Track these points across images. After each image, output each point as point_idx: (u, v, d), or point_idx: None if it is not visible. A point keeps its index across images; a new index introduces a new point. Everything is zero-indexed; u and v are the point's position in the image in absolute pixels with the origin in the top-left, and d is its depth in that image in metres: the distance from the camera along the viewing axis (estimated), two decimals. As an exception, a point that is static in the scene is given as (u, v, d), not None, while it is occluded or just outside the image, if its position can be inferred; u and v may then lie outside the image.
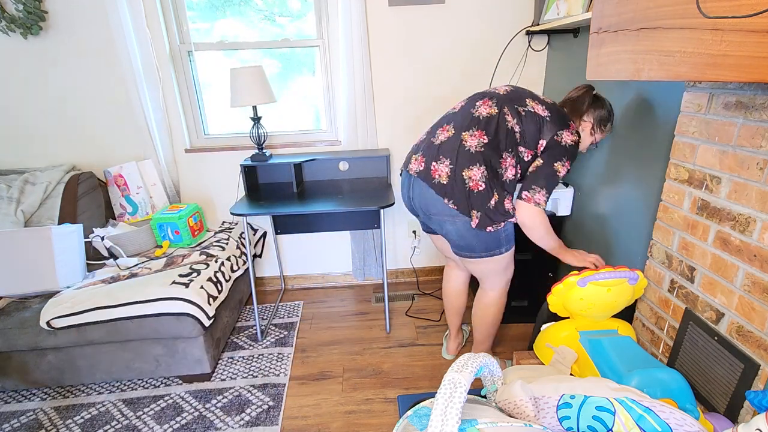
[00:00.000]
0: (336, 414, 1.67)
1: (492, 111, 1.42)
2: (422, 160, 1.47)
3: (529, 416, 1.02)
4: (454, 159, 1.39)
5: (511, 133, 1.40)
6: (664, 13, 0.82)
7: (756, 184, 1.01)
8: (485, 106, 1.44)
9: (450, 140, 1.42)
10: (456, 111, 1.50)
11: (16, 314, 1.68)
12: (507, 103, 1.43)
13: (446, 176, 1.40)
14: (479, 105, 1.45)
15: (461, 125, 1.43)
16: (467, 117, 1.44)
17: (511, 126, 1.40)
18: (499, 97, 1.45)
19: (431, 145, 1.46)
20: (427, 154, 1.46)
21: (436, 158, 1.43)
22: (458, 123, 1.44)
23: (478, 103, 1.45)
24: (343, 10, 2.05)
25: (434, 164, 1.42)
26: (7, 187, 2.05)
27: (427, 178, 1.43)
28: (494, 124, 1.40)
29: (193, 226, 2.20)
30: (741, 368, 1.06)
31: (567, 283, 1.39)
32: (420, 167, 1.46)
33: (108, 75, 2.18)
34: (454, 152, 1.40)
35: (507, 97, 1.45)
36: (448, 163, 1.40)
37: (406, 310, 2.37)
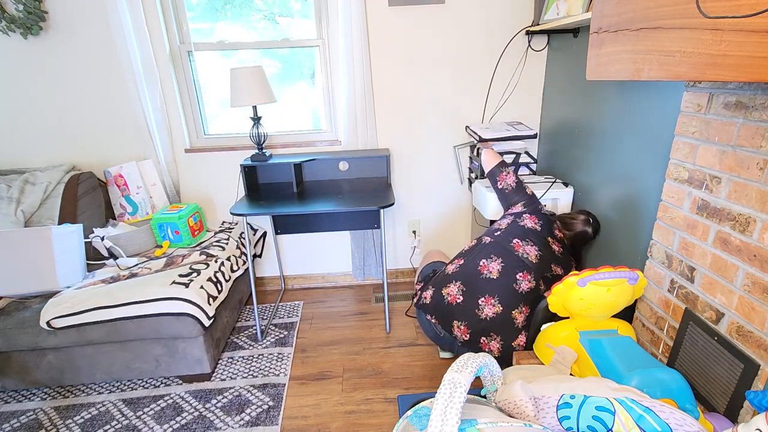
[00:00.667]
0: (336, 414, 1.67)
1: (531, 285, 1.58)
2: (466, 330, 1.58)
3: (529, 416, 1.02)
4: (505, 336, 1.55)
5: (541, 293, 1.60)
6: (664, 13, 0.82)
7: (756, 184, 1.01)
8: (525, 281, 1.58)
9: (499, 317, 1.55)
10: (494, 278, 1.58)
11: (16, 314, 1.68)
12: (541, 275, 1.60)
13: (498, 351, 1.56)
14: (520, 279, 1.57)
15: (509, 303, 1.56)
16: (512, 293, 1.56)
17: (543, 291, 1.60)
18: (534, 269, 1.60)
19: (477, 318, 1.57)
20: (474, 328, 1.57)
21: (486, 334, 1.56)
22: (504, 299, 1.56)
23: (518, 277, 1.57)
24: (343, 10, 2.05)
25: (484, 339, 1.57)
26: (7, 187, 2.05)
27: (477, 350, 1.58)
28: (533, 295, 1.58)
29: (193, 226, 2.20)
30: (741, 368, 1.06)
31: (567, 283, 1.39)
32: (465, 337, 1.59)
33: (108, 75, 2.18)
34: (505, 330, 1.55)
35: (539, 266, 1.61)
36: (499, 340, 1.55)
37: (406, 310, 2.37)
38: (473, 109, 2.36)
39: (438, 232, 2.63)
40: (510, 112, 2.38)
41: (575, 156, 2.00)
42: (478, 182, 2.13)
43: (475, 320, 1.56)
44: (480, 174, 2.22)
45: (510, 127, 2.21)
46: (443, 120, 2.38)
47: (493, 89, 2.32)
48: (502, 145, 2.18)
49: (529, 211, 1.74)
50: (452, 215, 2.59)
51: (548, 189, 1.98)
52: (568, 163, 2.07)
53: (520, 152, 2.21)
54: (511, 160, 2.20)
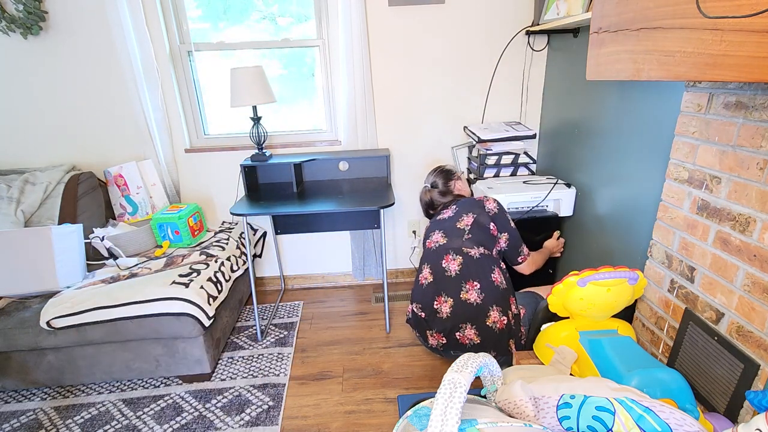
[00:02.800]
0: (336, 414, 1.67)
1: (459, 261, 1.68)
2: (440, 336, 1.69)
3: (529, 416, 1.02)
4: (473, 320, 1.63)
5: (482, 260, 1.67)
6: (664, 13, 0.82)
7: (756, 184, 1.01)
8: (453, 263, 1.68)
9: (456, 308, 1.65)
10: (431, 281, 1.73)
11: (16, 314, 1.68)
12: (460, 245, 1.69)
13: (476, 336, 1.63)
14: (446, 265, 1.69)
15: (454, 290, 1.66)
16: (449, 281, 1.68)
17: (475, 256, 1.67)
18: (451, 246, 1.71)
19: (440, 320, 1.68)
20: (443, 329, 1.67)
21: (456, 329, 1.65)
22: (449, 291, 1.67)
23: (444, 265, 1.70)
24: (343, 10, 2.05)
25: (458, 334, 1.64)
26: (7, 187, 2.05)
27: (461, 348, 1.66)
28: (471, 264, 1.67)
29: (193, 226, 2.20)
30: (741, 368, 1.06)
31: (567, 283, 1.39)
32: (442, 341, 1.69)
33: (108, 75, 2.18)
34: (468, 315, 1.63)
35: (451, 241, 1.72)
36: (471, 326, 1.63)
37: (407, 305, 2.37)
38: (473, 109, 2.36)
39: (438, 232, 2.63)
40: (510, 112, 2.38)
41: (575, 156, 2.00)
42: (479, 183, 2.13)
43: (440, 322, 1.67)
44: (479, 175, 2.22)
45: (509, 128, 2.20)
46: (443, 120, 2.38)
47: (493, 89, 2.32)
48: (501, 145, 2.18)
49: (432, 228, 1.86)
50: (452, 215, 2.59)
51: (551, 190, 1.97)
52: (568, 163, 2.07)
53: (519, 153, 2.21)
54: (511, 160, 2.20)
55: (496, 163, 2.20)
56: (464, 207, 1.77)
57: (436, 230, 1.79)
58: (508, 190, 1.98)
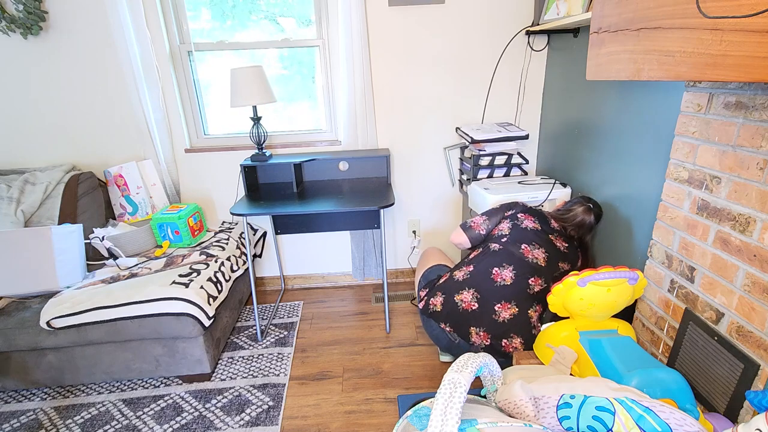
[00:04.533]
0: (336, 414, 1.67)
1: (543, 287, 1.62)
2: (486, 336, 1.58)
3: (529, 416, 1.02)
4: (523, 333, 1.57)
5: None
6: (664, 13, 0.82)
7: (756, 184, 1.01)
8: (537, 285, 1.61)
9: (516, 318, 1.58)
10: (508, 284, 1.61)
11: (16, 314, 1.68)
12: (551, 276, 1.64)
13: (521, 345, 1.57)
14: (533, 284, 1.61)
15: (524, 304, 1.59)
16: (526, 296, 1.60)
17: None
18: (545, 272, 1.63)
19: (494, 323, 1.58)
20: (494, 334, 1.58)
21: (507, 336, 1.57)
22: (520, 302, 1.59)
23: (531, 282, 1.61)
24: (343, 10, 2.05)
25: (505, 341, 1.57)
26: (7, 187, 2.05)
27: (501, 355, 1.59)
28: (544, 293, 1.62)
29: (193, 226, 2.20)
30: (741, 368, 1.06)
31: (567, 283, 1.39)
32: (486, 342, 1.58)
33: (108, 75, 2.18)
34: (522, 327, 1.57)
35: (548, 268, 1.64)
36: (520, 340, 1.57)
37: (409, 301, 2.37)
38: (473, 109, 2.36)
39: (438, 233, 2.63)
40: (510, 112, 2.38)
41: (575, 156, 2.00)
42: (475, 184, 2.12)
43: (494, 325, 1.57)
44: (472, 176, 2.21)
45: (501, 128, 2.20)
46: (443, 120, 2.38)
47: (493, 89, 2.32)
48: (495, 146, 2.17)
49: (520, 209, 1.76)
50: (453, 215, 2.59)
51: (550, 192, 1.97)
52: (568, 163, 2.07)
53: (512, 153, 2.20)
54: (504, 161, 2.20)
55: (490, 164, 2.19)
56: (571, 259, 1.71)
57: (542, 248, 1.66)
58: (505, 191, 1.98)
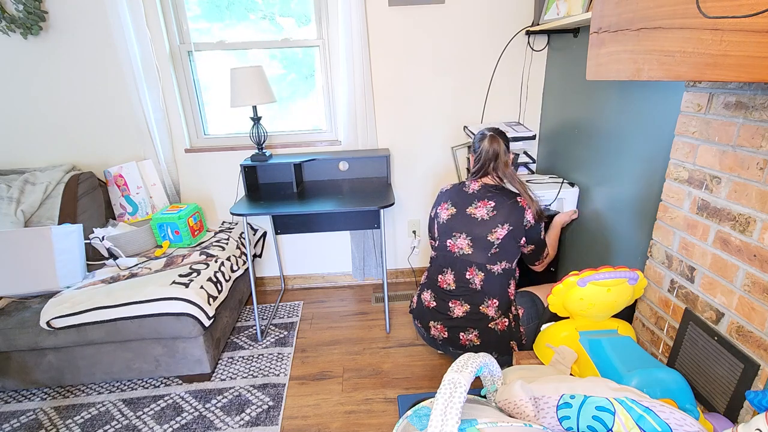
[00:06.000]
0: (336, 414, 1.67)
1: (482, 276, 1.65)
2: (443, 328, 1.71)
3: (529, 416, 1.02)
4: (479, 326, 1.66)
5: (504, 274, 1.67)
6: (664, 13, 0.82)
7: (756, 184, 1.01)
8: (476, 276, 1.65)
9: (469, 314, 1.68)
10: (453, 288, 1.70)
11: (16, 314, 1.68)
12: (485, 256, 1.63)
13: (476, 338, 1.67)
14: (470, 277, 1.66)
15: (474, 301, 1.67)
16: (472, 293, 1.67)
17: (496, 271, 1.65)
18: (476, 259, 1.65)
19: (449, 318, 1.70)
20: (449, 325, 1.70)
21: (463, 329, 1.67)
22: (469, 300, 1.67)
23: (468, 276, 1.67)
24: (343, 10, 2.05)
25: (462, 334, 1.68)
26: (7, 187, 2.05)
27: (458, 347, 1.70)
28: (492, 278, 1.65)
29: (193, 226, 2.20)
30: (741, 368, 1.06)
31: (567, 283, 1.39)
32: (444, 335, 1.71)
33: (108, 75, 2.18)
34: (477, 322, 1.66)
35: (476, 252, 1.64)
36: (474, 331, 1.66)
37: (407, 305, 2.37)
38: (473, 109, 2.36)
39: (438, 232, 2.63)
40: (509, 112, 2.38)
41: (575, 156, 2.00)
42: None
43: (448, 319, 1.70)
44: None
45: (509, 128, 2.20)
46: (443, 120, 2.38)
47: (493, 89, 2.32)
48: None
49: (438, 202, 1.79)
50: (452, 215, 2.59)
51: (560, 189, 1.96)
52: (568, 162, 2.07)
53: (519, 153, 2.21)
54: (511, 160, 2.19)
55: (497, 163, 2.19)
56: (501, 213, 1.61)
57: (462, 232, 1.65)
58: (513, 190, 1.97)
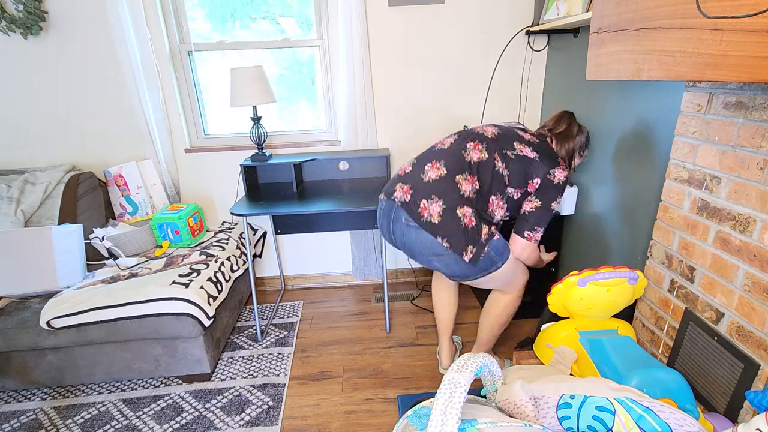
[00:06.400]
0: (336, 414, 1.67)
1: (483, 156, 1.46)
2: (409, 190, 1.45)
3: (529, 416, 1.02)
4: (448, 200, 1.40)
5: (499, 176, 1.45)
6: (664, 13, 0.82)
7: (756, 184, 1.01)
8: (476, 150, 1.46)
9: (442, 180, 1.42)
10: (445, 148, 1.50)
11: (16, 314, 1.68)
12: (497, 148, 1.47)
13: (438, 215, 1.39)
14: (470, 148, 1.47)
15: (454, 168, 1.44)
16: (459, 160, 1.45)
17: (500, 171, 1.44)
18: (488, 141, 1.48)
19: (420, 181, 1.45)
20: (416, 189, 1.44)
21: (427, 196, 1.41)
22: (450, 164, 1.44)
23: (469, 146, 1.47)
24: (343, 10, 2.05)
25: (424, 202, 1.41)
26: (7, 187, 2.05)
27: (415, 216, 1.42)
28: (485, 169, 1.45)
29: (193, 226, 2.20)
30: (741, 368, 1.06)
31: (567, 283, 1.39)
32: (406, 198, 1.44)
33: (108, 75, 2.18)
34: (448, 194, 1.41)
35: (496, 141, 1.48)
36: (441, 203, 1.40)
37: (409, 301, 2.37)
38: (473, 109, 2.36)
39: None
40: (509, 112, 2.38)
41: (575, 156, 2.00)
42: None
43: (418, 182, 1.45)
44: None
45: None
46: (443, 120, 2.38)
47: (493, 89, 2.32)
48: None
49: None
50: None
51: None
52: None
53: None
54: None
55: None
56: (537, 152, 1.47)
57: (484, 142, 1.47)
58: None
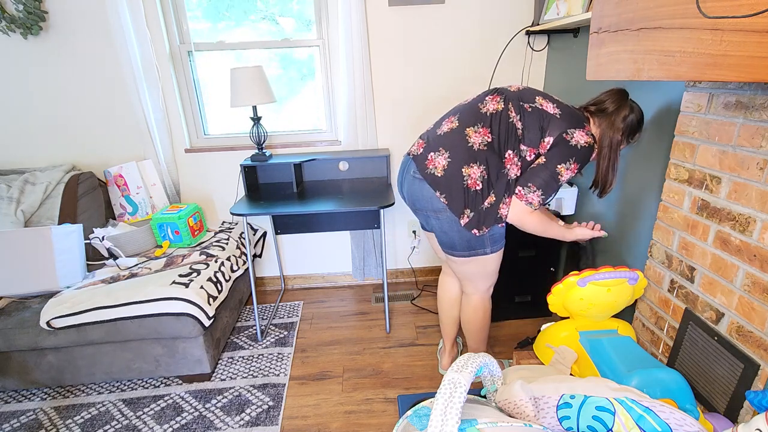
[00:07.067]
0: (336, 414, 1.67)
1: (498, 107, 1.35)
2: (422, 145, 1.42)
3: (529, 416, 1.02)
4: (454, 153, 1.33)
5: (513, 129, 1.32)
6: (664, 13, 0.82)
7: (756, 184, 1.01)
8: (493, 102, 1.36)
9: (453, 133, 1.36)
10: (465, 103, 1.42)
11: (16, 314, 1.68)
12: (514, 99, 1.36)
13: (442, 169, 1.34)
14: (488, 101, 1.37)
15: (467, 120, 1.36)
16: (474, 112, 1.37)
17: (513, 122, 1.32)
18: (508, 93, 1.38)
19: (434, 135, 1.40)
20: (429, 143, 1.40)
21: (435, 149, 1.37)
22: (464, 117, 1.37)
23: (487, 99, 1.38)
24: (343, 10, 2.05)
25: (432, 154, 1.36)
26: (7, 187, 2.05)
27: (421, 168, 1.38)
28: (498, 120, 1.33)
29: (193, 226, 2.20)
30: (741, 368, 1.06)
31: (567, 283, 1.39)
32: (419, 151, 1.41)
33: (108, 75, 2.18)
34: (455, 147, 1.34)
35: (516, 94, 1.37)
36: (447, 156, 1.34)
37: (409, 301, 2.37)
38: (473, 109, 2.36)
39: (438, 232, 2.63)
40: (510, 112, 2.38)
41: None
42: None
43: (433, 136, 1.41)
44: None
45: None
46: (443, 120, 2.38)
47: (493, 89, 2.32)
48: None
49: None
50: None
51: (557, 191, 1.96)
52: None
53: None
54: None
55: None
56: (556, 124, 1.30)
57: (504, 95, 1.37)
58: None
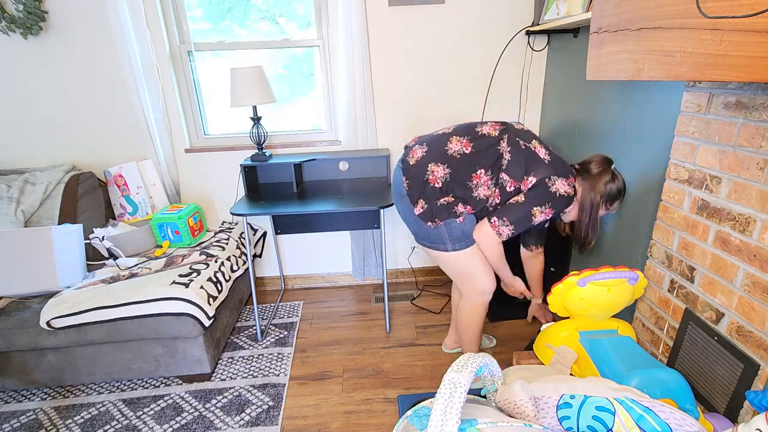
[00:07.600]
0: (336, 414, 1.67)
1: (493, 132, 1.46)
2: (414, 140, 1.58)
3: (529, 416, 1.02)
4: (430, 150, 1.46)
5: (497, 155, 1.42)
6: (664, 13, 0.82)
7: (756, 184, 1.01)
8: (492, 128, 1.47)
9: (440, 136, 1.49)
10: (471, 122, 1.55)
11: (16, 314, 1.68)
12: (512, 133, 1.45)
13: (415, 160, 1.47)
14: (488, 124, 1.49)
15: (458, 131, 1.48)
16: (469, 128, 1.49)
17: (501, 151, 1.43)
18: (510, 127, 1.48)
19: (429, 134, 1.56)
20: (420, 139, 1.56)
21: (421, 144, 1.51)
22: (458, 129, 1.50)
23: (488, 123, 1.50)
24: (343, 10, 2.05)
25: (416, 146, 1.51)
26: (7, 187, 2.05)
27: (404, 157, 1.53)
28: (486, 141, 1.44)
29: (193, 226, 2.20)
30: (741, 368, 1.06)
31: (567, 283, 1.39)
32: (410, 144, 1.58)
33: (108, 75, 2.18)
34: (434, 146, 1.47)
35: (516, 131, 1.46)
36: (424, 151, 1.47)
37: (409, 301, 2.37)
38: (473, 109, 2.36)
39: (438, 232, 2.63)
40: (510, 112, 2.38)
41: (575, 156, 2.00)
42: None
43: (427, 135, 1.54)
44: None
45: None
46: (443, 120, 2.38)
47: (493, 89, 2.32)
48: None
49: None
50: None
51: None
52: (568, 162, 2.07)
53: None
54: None
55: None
56: (542, 168, 1.39)
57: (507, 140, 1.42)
58: None
